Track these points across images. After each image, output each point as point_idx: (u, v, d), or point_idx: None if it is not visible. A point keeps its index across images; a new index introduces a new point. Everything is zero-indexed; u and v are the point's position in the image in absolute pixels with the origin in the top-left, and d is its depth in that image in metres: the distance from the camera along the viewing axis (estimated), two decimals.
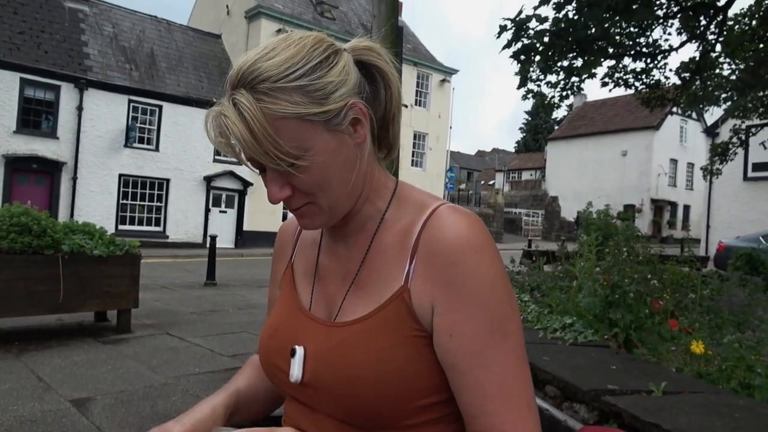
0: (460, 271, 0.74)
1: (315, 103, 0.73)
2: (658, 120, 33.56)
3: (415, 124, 25.93)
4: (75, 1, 18.78)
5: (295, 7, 23.00)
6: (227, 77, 0.75)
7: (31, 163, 16.28)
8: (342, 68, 0.77)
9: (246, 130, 0.71)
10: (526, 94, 7.51)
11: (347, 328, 0.79)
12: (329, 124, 0.75)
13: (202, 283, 9.75)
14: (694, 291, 4.65)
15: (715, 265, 12.50)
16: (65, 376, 4.05)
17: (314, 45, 0.76)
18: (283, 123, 0.72)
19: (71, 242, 5.04)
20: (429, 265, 0.76)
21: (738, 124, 11.26)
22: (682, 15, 7.87)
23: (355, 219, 0.85)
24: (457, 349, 0.74)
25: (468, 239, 0.75)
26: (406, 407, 0.75)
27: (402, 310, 0.77)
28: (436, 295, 0.75)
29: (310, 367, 0.80)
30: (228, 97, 0.73)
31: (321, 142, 0.74)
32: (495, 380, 0.73)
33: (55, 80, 16.61)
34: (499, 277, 0.76)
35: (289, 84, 0.72)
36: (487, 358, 0.74)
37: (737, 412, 1.92)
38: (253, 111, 0.70)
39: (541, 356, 2.66)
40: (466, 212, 0.79)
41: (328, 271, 0.89)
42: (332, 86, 0.74)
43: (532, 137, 60.06)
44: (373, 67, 0.83)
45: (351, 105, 0.76)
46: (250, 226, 20.41)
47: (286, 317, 0.89)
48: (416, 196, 0.86)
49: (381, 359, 0.75)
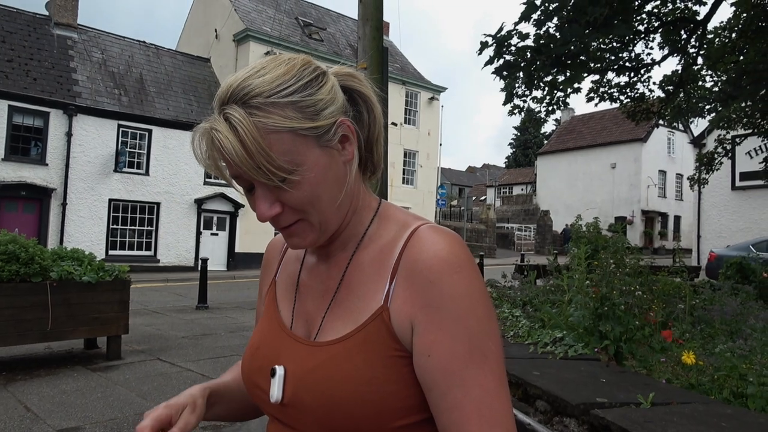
0: (438, 291, 0.74)
1: (307, 118, 0.74)
2: (646, 132, 33.94)
3: (405, 142, 26.06)
4: (63, 28, 18.86)
5: (283, 30, 23.20)
6: (216, 96, 0.75)
7: (19, 191, 16.19)
8: (331, 88, 0.78)
9: (238, 143, 0.71)
10: (513, 110, 7.57)
11: (327, 349, 0.79)
12: (321, 139, 0.76)
13: (194, 306, 9.68)
14: (684, 301, 4.67)
15: (707, 274, 12.56)
16: (54, 405, 4.00)
17: (304, 65, 0.78)
18: (275, 137, 0.72)
19: (60, 269, 5.00)
20: (408, 285, 0.76)
21: (723, 134, 11.41)
22: (662, 29, 8.01)
23: (340, 238, 0.86)
24: (435, 369, 0.74)
25: (446, 259, 0.75)
26: (386, 428, 0.75)
27: (381, 330, 0.76)
28: (415, 315, 0.75)
29: (290, 387, 0.80)
30: (218, 112, 0.73)
31: (313, 157, 0.75)
32: (473, 401, 0.72)
33: (43, 107, 16.60)
34: (478, 297, 0.76)
35: (282, 99, 0.73)
36: (465, 379, 0.73)
37: (725, 421, 1.92)
38: (245, 124, 0.70)
39: (531, 371, 2.65)
40: (447, 232, 0.79)
41: (308, 288, 0.89)
42: (322, 103, 0.76)
43: (521, 152, 60.47)
44: (355, 92, 0.85)
45: (340, 122, 0.78)
46: (242, 248, 20.33)
47: (268, 336, 0.89)
48: (398, 215, 0.87)
49: (360, 380, 0.75)
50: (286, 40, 22.65)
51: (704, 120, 10.98)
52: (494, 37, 5.83)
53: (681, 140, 35.45)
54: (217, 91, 0.75)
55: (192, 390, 0.93)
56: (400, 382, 0.75)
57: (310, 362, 0.80)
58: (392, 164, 23.91)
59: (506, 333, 3.81)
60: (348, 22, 27.92)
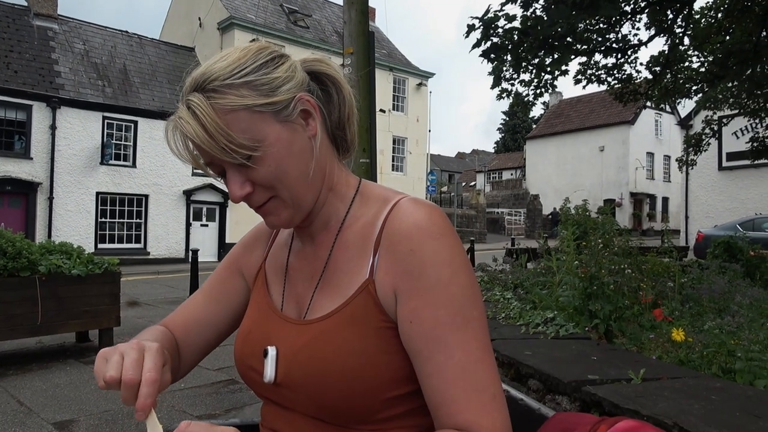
0: (419, 258, 0.75)
1: (262, 95, 0.76)
2: (633, 114, 34.08)
3: (393, 128, 26.00)
4: (43, 19, 18.54)
5: (268, 17, 22.96)
6: (182, 88, 0.78)
7: (4, 186, 15.99)
8: (288, 67, 0.81)
9: (199, 126, 0.74)
10: (501, 94, 7.57)
11: (316, 325, 0.80)
12: (279, 115, 0.78)
13: (186, 297, 9.64)
14: (673, 280, 4.72)
15: (695, 254, 12.71)
16: (47, 399, 3.98)
17: (259, 49, 0.81)
18: (233, 116, 0.75)
19: (48, 263, 4.96)
20: (390, 256, 0.78)
21: (710, 115, 11.48)
22: (649, 10, 8.01)
23: (319, 217, 0.87)
24: (418, 335, 0.74)
25: (426, 227, 0.76)
26: (377, 399, 0.76)
27: (368, 303, 0.78)
28: (398, 284, 0.76)
29: (282, 366, 0.81)
30: (182, 101, 0.76)
31: (273, 133, 0.77)
32: (456, 366, 0.72)
33: (26, 100, 16.35)
34: (459, 264, 0.76)
35: (237, 81, 0.76)
36: (448, 343, 0.73)
37: (714, 394, 1.95)
38: (203, 107, 0.74)
39: (523, 351, 2.67)
40: (427, 203, 0.81)
41: (296, 271, 0.90)
42: (279, 81, 0.78)
43: (510, 137, 60.55)
44: (324, 75, 0.87)
45: (299, 98, 0.80)
46: (233, 239, 20.26)
47: (259, 319, 0.90)
48: (379, 192, 0.88)
49: (350, 353, 0.76)
50: (271, 27, 22.43)
51: (691, 101, 11.02)
52: (481, 20, 5.81)
53: (668, 122, 35.66)
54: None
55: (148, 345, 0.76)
56: (390, 354, 0.76)
57: (300, 340, 0.81)
58: (381, 151, 23.86)
59: (498, 315, 3.84)
60: (334, 8, 27.68)
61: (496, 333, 3.25)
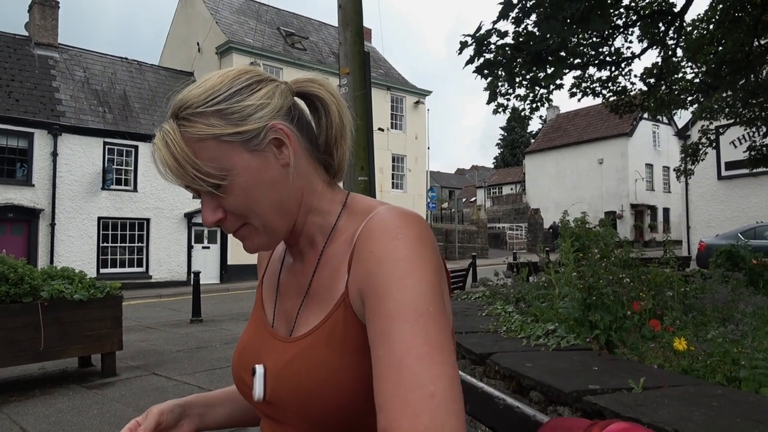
0: (377, 257, 0.73)
1: (231, 124, 0.76)
2: (631, 127, 34.26)
3: (392, 146, 26.13)
4: (44, 48, 18.78)
5: (265, 41, 23.23)
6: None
7: (7, 213, 16.06)
8: (264, 94, 0.80)
9: (168, 154, 0.76)
10: (497, 109, 7.63)
11: (298, 343, 0.81)
12: (248, 144, 0.77)
13: (188, 320, 9.63)
14: (674, 290, 4.71)
15: (698, 264, 12.67)
16: (50, 424, 3.97)
17: (238, 75, 0.80)
18: (201, 145, 0.76)
19: (50, 288, 4.98)
20: (357, 263, 0.76)
21: (706, 125, 11.54)
22: (641, 23, 8.10)
23: (303, 236, 0.87)
24: (370, 331, 0.71)
25: (389, 227, 0.74)
26: (365, 410, 0.75)
27: (347, 315, 0.77)
28: (362, 289, 0.74)
29: (269, 384, 0.82)
30: (160, 127, 0.79)
31: (242, 162, 0.77)
32: (393, 359, 0.66)
33: (27, 128, 16.50)
34: (421, 260, 0.72)
35: (208, 109, 0.76)
36: (391, 335, 0.67)
37: (715, 401, 1.95)
38: (173, 135, 0.76)
39: (524, 363, 2.67)
40: (402, 209, 0.78)
41: (286, 287, 0.91)
42: (251, 109, 0.78)
43: (509, 152, 60.79)
44: (313, 96, 0.87)
45: (271, 126, 0.79)
46: (235, 260, 20.25)
47: (253, 335, 0.92)
48: (365, 204, 0.87)
49: (330, 369, 0.75)
50: (269, 50, 22.68)
51: (687, 111, 11.08)
52: (473, 37, 5.88)
53: (666, 133, 35.80)
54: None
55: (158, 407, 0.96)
56: (371, 366, 0.73)
57: (284, 358, 0.81)
58: (380, 169, 23.95)
59: (499, 328, 3.84)
60: (330, 30, 28.00)
61: (497, 346, 3.24)
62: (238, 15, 24.19)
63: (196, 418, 0.99)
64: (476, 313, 4.90)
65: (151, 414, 0.93)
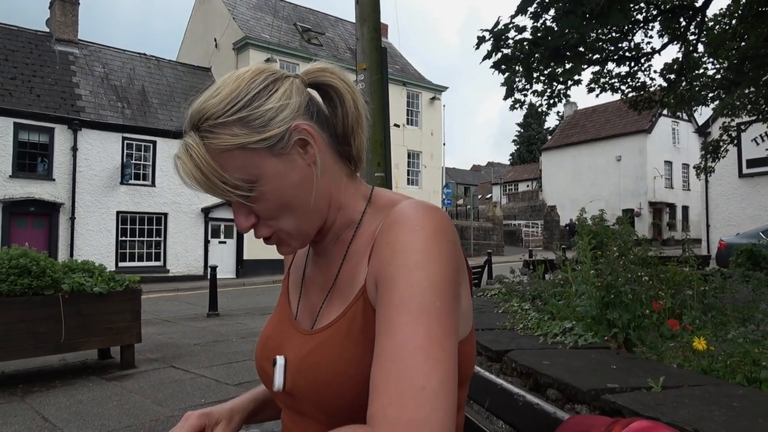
0: (392, 248, 0.73)
1: (255, 131, 0.76)
2: (650, 123, 33.81)
3: (408, 143, 26.09)
4: (64, 44, 19.03)
5: (282, 37, 23.30)
6: (184, 124, 0.79)
7: (28, 206, 16.34)
8: (282, 94, 0.79)
9: (195, 168, 0.75)
10: (514, 104, 7.58)
11: (318, 335, 0.82)
12: (274, 149, 0.77)
13: (205, 314, 9.73)
14: (693, 289, 4.65)
15: (718, 263, 12.48)
16: (71, 415, 4.04)
17: (253, 78, 0.79)
18: (227, 156, 0.75)
19: (71, 281, 5.05)
20: (375, 255, 0.76)
21: (727, 121, 11.36)
22: (661, 18, 7.99)
23: (330, 232, 0.87)
24: (377, 321, 0.71)
25: (407, 220, 0.74)
26: None
27: (365, 307, 0.77)
28: (377, 279, 0.74)
29: (289, 375, 0.83)
30: (183, 140, 0.78)
31: (270, 168, 0.77)
32: (392, 349, 0.66)
33: (48, 123, 16.75)
34: (435, 255, 0.71)
35: (229, 118, 0.75)
36: (393, 325, 0.68)
37: (736, 401, 1.93)
38: (197, 149, 0.75)
39: (541, 360, 2.66)
40: (425, 203, 0.78)
41: (311, 281, 0.92)
42: (272, 113, 0.77)
43: (526, 148, 60.36)
44: (327, 86, 0.86)
45: (294, 128, 0.78)
46: (251, 255, 20.40)
47: (277, 326, 0.93)
48: (389, 198, 0.87)
49: (348, 361, 0.76)
50: (286, 46, 22.75)
51: (708, 108, 10.92)
52: (491, 32, 5.83)
53: (686, 130, 35.29)
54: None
55: (235, 402, 1.00)
56: None
57: (304, 349, 0.82)
58: (396, 165, 23.94)
59: (516, 325, 3.82)
60: (346, 26, 28.00)
61: (514, 344, 3.23)
62: (255, 11, 24.29)
63: (236, 422, 1.01)
64: (492, 310, 4.88)
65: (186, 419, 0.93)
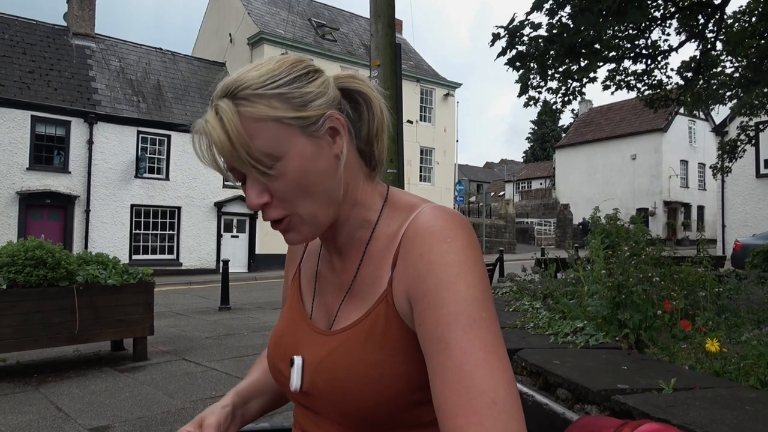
0: (427, 260, 0.73)
1: (293, 108, 0.76)
2: (666, 122, 33.45)
3: (421, 139, 26.03)
4: (81, 38, 19.20)
5: (296, 32, 23.33)
6: (213, 93, 0.78)
7: (44, 199, 16.54)
8: (321, 83, 0.80)
9: (223, 132, 0.74)
10: (528, 101, 7.53)
11: (338, 336, 0.82)
12: (307, 129, 0.77)
13: (217, 308, 9.80)
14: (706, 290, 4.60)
15: (733, 264, 12.35)
16: (84, 405, 4.09)
17: (295, 62, 0.80)
18: (259, 125, 0.74)
19: (85, 273, 5.11)
20: (404, 263, 0.77)
21: (745, 121, 11.21)
22: (679, 15, 7.89)
23: (343, 231, 0.87)
24: (425, 338, 0.72)
25: (437, 231, 0.75)
26: (400, 408, 0.76)
27: (388, 313, 0.78)
28: (410, 290, 0.75)
29: (307, 375, 0.83)
30: (211, 106, 0.77)
31: (298, 147, 0.76)
32: (454, 367, 0.68)
33: (65, 116, 16.93)
34: (471, 266, 0.73)
35: (269, 91, 0.75)
36: (449, 343, 0.69)
37: (748, 404, 1.90)
38: (230, 114, 0.74)
39: (551, 360, 2.65)
40: (448, 210, 0.79)
41: (326, 281, 0.92)
42: (311, 96, 0.78)
43: (539, 146, 60.02)
44: (356, 92, 0.86)
45: (329, 115, 0.79)
46: (263, 250, 20.50)
47: (291, 325, 0.93)
48: (406, 200, 0.87)
49: (369, 363, 0.76)
50: (300, 41, 22.78)
51: (725, 107, 10.77)
52: (506, 29, 5.79)
53: (702, 129, 34.88)
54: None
55: (220, 403, 0.99)
56: (409, 363, 0.76)
57: (324, 350, 0.82)
58: (409, 162, 23.92)
59: (526, 324, 3.81)
60: (361, 22, 27.96)
61: (524, 342, 3.22)
62: (270, 6, 24.33)
63: (238, 419, 1.01)
64: (503, 308, 4.87)
65: (209, 427, 0.93)
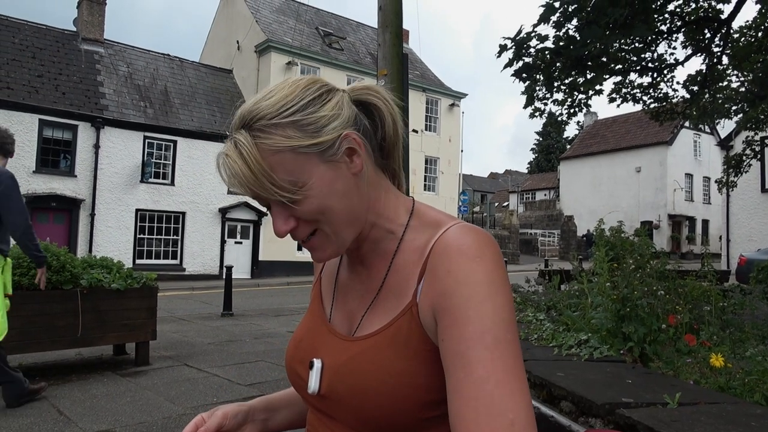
0: (454, 278, 0.75)
1: (308, 135, 0.77)
2: (671, 135, 33.42)
3: (426, 148, 26.08)
4: (90, 43, 19.36)
5: (303, 40, 23.46)
6: (231, 123, 0.80)
7: (50, 202, 16.61)
8: (335, 104, 0.81)
9: (245, 166, 0.75)
10: (534, 113, 7.54)
11: (360, 342, 0.83)
12: (324, 155, 0.78)
13: (219, 313, 9.79)
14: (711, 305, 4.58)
15: (738, 279, 12.28)
16: (85, 409, 4.09)
17: (308, 85, 0.81)
18: (278, 157, 0.76)
19: (90, 276, 5.11)
20: (431, 278, 0.78)
21: (751, 135, 11.20)
22: (686, 29, 7.91)
23: (366, 242, 0.88)
24: (447, 353, 0.73)
25: (465, 250, 0.76)
26: (417, 419, 0.77)
27: (411, 324, 0.79)
28: (436, 305, 0.76)
29: (326, 379, 0.84)
30: (230, 138, 0.78)
31: (318, 173, 0.78)
32: (474, 384, 0.69)
33: (72, 120, 17.04)
34: (499, 286, 0.74)
35: (283, 120, 0.76)
36: (470, 360, 0.70)
37: (754, 420, 1.89)
38: (249, 148, 0.75)
39: (555, 372, 2.64)
40: (476, 229, 0.80)
41: (348, 287, 0.93)
42: (325, 120, 0.79)
43: (544, 157, 60.00)
44: (371, 105, 0.88)
45: (345, 136, 0.80)
46: (266, 256, 20.51)
47: (311, 329, 0.94)
48: (433, 216, 0.88)
49: (390, 372, 0.77)
50: (307, 49, 22.90)
51: (731, 121, 10.77)
52: (513, 40, 5.81)
53: (708, 142, 34.81)
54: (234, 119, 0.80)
55: (223, 409, 0.97)
56: (430, 376, 0.77)
57: (345, 355, 0.83)
58: (413, 171, 23.94)
59: (530, 336, 3.79)
60: (368, 31, 28.12)
61: (528, 354, 3.21)
62: (278, 14, 24.50)
63: (260, 423, 1.01)
64: None
65: (216, 416, 0.94)
